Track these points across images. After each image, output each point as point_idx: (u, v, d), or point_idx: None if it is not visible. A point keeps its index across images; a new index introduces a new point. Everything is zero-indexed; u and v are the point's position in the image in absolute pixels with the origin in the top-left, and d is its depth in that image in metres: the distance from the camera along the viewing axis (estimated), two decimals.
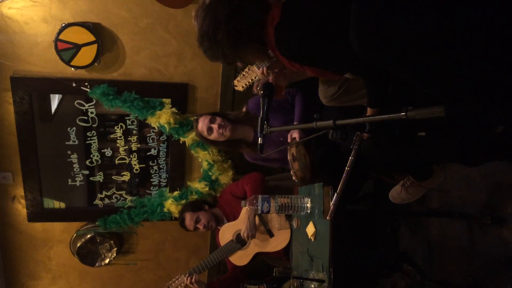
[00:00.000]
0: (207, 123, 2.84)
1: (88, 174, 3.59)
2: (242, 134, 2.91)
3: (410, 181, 2.18)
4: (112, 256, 3.71)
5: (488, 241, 2.20)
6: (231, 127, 2.82)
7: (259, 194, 2.36)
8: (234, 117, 2.90)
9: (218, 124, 2.81)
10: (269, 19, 1.56)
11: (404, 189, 2.23)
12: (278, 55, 1.67)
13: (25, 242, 3.69)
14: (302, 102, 2.68)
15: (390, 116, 1.08)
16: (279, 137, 2.73)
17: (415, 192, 2.21)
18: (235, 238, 3.08)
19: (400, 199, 2.28)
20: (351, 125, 1.30)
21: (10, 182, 3.46)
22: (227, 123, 2.83)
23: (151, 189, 3.74)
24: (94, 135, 3.47)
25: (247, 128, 2.89)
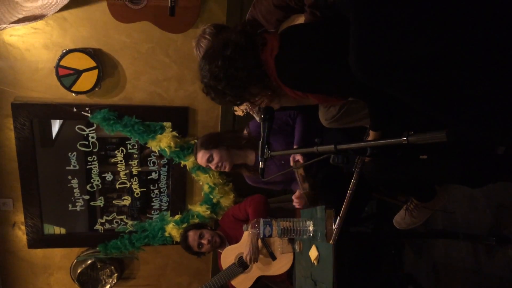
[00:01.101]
0: (205, 162, 2.82)
1: (88, 199, 3.58)
2: (243, 159, 2.89)
3: (413, 204, 2.16)
4: (113, 282, 3.66)
5: (493, 262, 2.17)
6: (229, 165, 2.79)
7: (262, 216, 2.34)
8: (234, 142, 2.86)
9: (215, 164, 2.79)
10: (267, 52, 1.59)
11: (408, 213, 2.21)
12: (280, 85, 1.68)
13: (25, 269, 3.65)
14: (303, 124, 2.68)
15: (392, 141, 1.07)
16: (280, 160, 2.72)
17: (420, 215, 2.18)
18: (237, 262, 3.04)
19: (406, 224, 2.25)
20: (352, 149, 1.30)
21: (10, 208, 3.44)
22: (225, 159, 2.79)
23: (152, 213, 3.72)
24: (94, 159, 3.47)
25: (249, 152, 2.88)
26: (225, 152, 2.78)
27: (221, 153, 2.77)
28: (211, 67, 1.64)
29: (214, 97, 1.70)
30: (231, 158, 2.79)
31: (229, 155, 2.79)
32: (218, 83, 1.63)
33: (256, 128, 2.86)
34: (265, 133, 1.80)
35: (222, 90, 1.65)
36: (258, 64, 1.63)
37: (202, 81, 1.72)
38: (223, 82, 1.62)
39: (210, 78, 1.65)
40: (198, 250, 3.09)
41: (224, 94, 1.65)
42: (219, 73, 1.61)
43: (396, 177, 1.66)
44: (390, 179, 1.69)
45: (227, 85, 1.63)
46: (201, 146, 2.84)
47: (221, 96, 1.66)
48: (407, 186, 1.98)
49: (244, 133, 2.97)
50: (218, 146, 2.79)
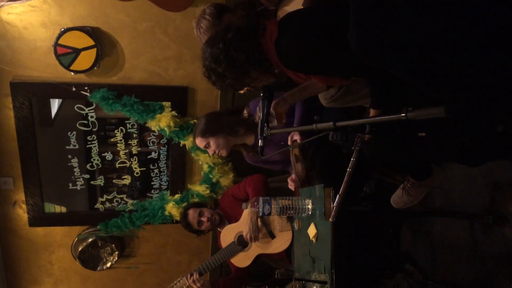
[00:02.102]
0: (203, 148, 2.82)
1: (88, 178, 3.59)
2: (242, 140, 2.90)
3: (410, 183, 2.17)
4: (113, 260, 3.71)
5: (490, 240, 2.20)
6: (225, 152, 2.79)
7: (261, 196, 2.36)
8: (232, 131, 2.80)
9: (212, 151, 2.78)
10: (267, 37, 1.61)
11: (405, 192, 2.23)
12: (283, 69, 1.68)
13: (26, 247, 3.69)
14: (302, 104, 2.68)
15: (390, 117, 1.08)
16: (280, 140, 2.72)
17: (416, 193, 2.20)
18: (237, 240, 3.07)
19: (403, 203, 2.27)
20: (351, 126, 1.30)
21: (11, 187, 3.46)
22: (222, 147, 2.77)
23: (152, 192, 3.74)
24: (94, 139, 3.47)
25: (248, 133, 2.88)
26: (222, 140, 2.76)
27: (218, 141, 2.75)
28: (212, 50, 1.67)
29: (215, 81, 1.72)
30: (228, 144, 2.77)
31: (226, 142, 2.76)
32: (219, 66, 1.65)
33: (256, 109, 2.84)
34: (264, 112, 1.80)
35: (222, 73, 1.67)
36: (258, 48, 1.64)
37: (203, 65, 1.74)
38: (224, 64, 1.64)
39: (211, 60, 1.68)
40: (198, 228, 3.11)
41: (224, 77, 1.67)
42: (220, 55, 1.64)
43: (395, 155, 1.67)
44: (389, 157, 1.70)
45: (227, 68, 1.65)
46: (199, 133, 2.81)
47: (221, 79, 1.68)
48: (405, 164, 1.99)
49: (244, 113, 2.96)
50: (215, 134, 2.75)
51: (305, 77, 1.69)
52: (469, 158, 1.56)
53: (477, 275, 2.29)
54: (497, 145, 1.49)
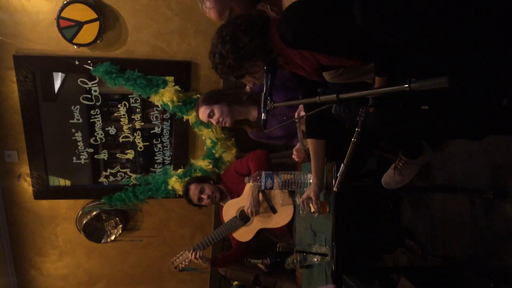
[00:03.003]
0: (206, 117, 2.83)
1: (92, 152, 3.62)
2: (245, 115, 2.90)
3: (402, 161, 2.18)
4: (117, 233, 3.77)
5: (490, 216, 2.21)
6: (230, 121, 2.81)
7: (263, 171, 2.37)
8: (236, 98, 2.87)
9: (216, 120, 2.80)
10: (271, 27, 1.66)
11: (397, 172, 2.24)
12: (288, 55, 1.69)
13: (31, 220, 3.74)
14: None
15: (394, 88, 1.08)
16: (282, 116, 2.72)
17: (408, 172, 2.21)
18: (239, 215, 3.10)
19: (394, 182, 2.29)
20: (354, 99, 1.30)
21: (15, 160, 3.49)
22: (226, 114, 2.80)
23: (155, 167, 3.77)
24: (97, 113, 3.48)
25: (251, 108, 2.88)
26: (226, 107, 2.80)
27: (222, 109, 2.79)
28: (221, 32, 1.72)
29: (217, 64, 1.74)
30: (232, 113, 2.80)
31: (230, 111, 2.80)
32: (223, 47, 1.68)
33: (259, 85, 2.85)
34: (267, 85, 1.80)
35: (225, 55, 1.69)
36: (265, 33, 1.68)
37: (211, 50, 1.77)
38: (228, 45, 1.67)
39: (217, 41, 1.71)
40: (198, 203, 3.15)
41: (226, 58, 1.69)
42: (226, 36, 1.68)
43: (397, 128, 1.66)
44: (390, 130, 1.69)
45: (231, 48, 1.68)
46: (202, 102, 2.86)
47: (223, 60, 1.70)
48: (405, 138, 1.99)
49: (246, 88, 2.96)
50: (219, 102, 2.80)
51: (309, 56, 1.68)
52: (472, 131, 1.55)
53: (476, 250, 2.31)
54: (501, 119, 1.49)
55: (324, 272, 2.14)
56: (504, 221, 2.12)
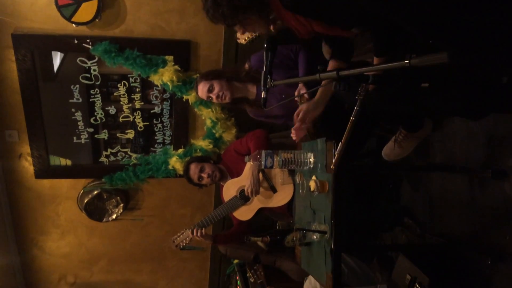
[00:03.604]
0: (206, 92, 2.83)
1: (92, 131, 3.62)
2: (244, 93, 2.89)
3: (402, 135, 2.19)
4: (119, 212, 3.80)
5: (488, 194, 2.23)
6: (229, 95, 2.81)
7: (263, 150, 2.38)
8: (235, 74, 2.87)
9: (216, 94, 2.80)
10: None
11: (397, 144, 2.25)
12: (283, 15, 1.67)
13: (33, 199, 3.76)
14: (306, 58, 2.66)
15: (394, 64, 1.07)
16: (281, 94, 2.72)
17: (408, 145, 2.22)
18: (239, 194, 3.12)
19: (394, 155, 2.30)
20: (355, 76, 1.29)
21: (16, 140, 3.50)
22: (226, 89, 2.80)
23: (155, 146, 3.78)
24: (97, 93, 3.48)
25: (249, 86, 2.88)
26: (225, 82, 2.81)
27: (221, 83, 2.80)
28: None
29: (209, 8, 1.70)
30: (232, 89, 2.81)
31: (229, 86, 2.81)
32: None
33: (257, 63, 2.84)
34: (267, 63, 1.79)
35: (219, 2, 1.66)
36: None
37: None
38: None
39: None
40: (198, 183, 3.16)
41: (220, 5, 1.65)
42: None
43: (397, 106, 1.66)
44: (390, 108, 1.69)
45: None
46: (201, 78, 2.89)
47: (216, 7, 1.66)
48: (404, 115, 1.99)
49: (245, 66, 2.95)
50: (218, 77, 2.82)
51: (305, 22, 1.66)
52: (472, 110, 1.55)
53: (474, 228, 2.34)
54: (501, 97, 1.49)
55: (323, 249, 2.16)
56: (502, 199, 2.13)
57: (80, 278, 4.20)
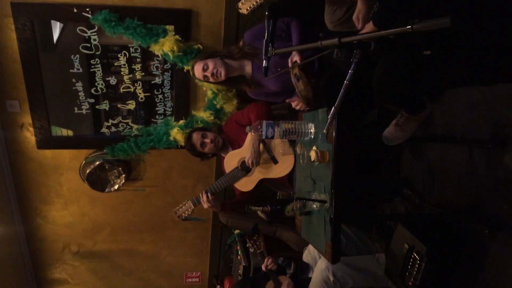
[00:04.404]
0: (201, 72, 2.82)
1: (93, 102, 3.62)
2: (240, 71, 2.88)
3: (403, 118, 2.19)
4: (121, 183, 3.83)
5: (487, 165, 2.24)
6: (224, 72, 2.80)
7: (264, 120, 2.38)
8: (228, 53, 2.85)
9: (210, 72, 2.79)
10: None
11: (399, 128, 2.25)
12: None
13: (35, 169, 3.80)
14: (299, 28, 2.64)
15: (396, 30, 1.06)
16: (276, 67, 2.70)
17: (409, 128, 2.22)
18: (240, 166, 3.14)
19: (396, 139, 2.30)
20: (357, 43, 1.28)
21: (17, 110, 3.50)
22: (220, 66, 2.79)
23: (156, 118, 3.78)
24: (97, 63, 3.45)
25: (245, 63, 2.86)
26: (220, 60, 2.82)
27: (215, 61, 2.81)
28: None
29: None
30: (226, 67, 2.80)
31: (223, 63, 2.80)
32: None
33: (251, 38, 2.83)
34: (269, 31, 1.77)
35: None
36: None
37: None
38: None
39: None
40: (201, 150, 3.16)
41: None
42: None
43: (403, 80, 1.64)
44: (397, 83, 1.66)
45: None
46: (196, 59, 2.91)
47: None
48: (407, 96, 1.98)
49: (239, 44, 2.93)
50: (212, 56, 2.84)
51: None
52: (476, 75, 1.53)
53: (473, 199, 2.36)
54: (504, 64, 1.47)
55: (322, 218, 2.19)
56: (501, 170, 2.15)
57: (83, 247, 4.28)
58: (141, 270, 4.54)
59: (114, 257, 4.39)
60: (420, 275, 2.26)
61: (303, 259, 3.08)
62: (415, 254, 2.28)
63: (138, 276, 4.56)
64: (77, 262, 4.34)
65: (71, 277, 4.41)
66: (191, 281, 4.68)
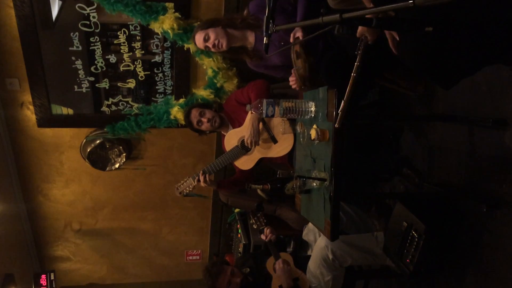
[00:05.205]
0: (202, 42, 2.79)
1: (93, 80, 3.60)
2: (242, 41, 2.85)
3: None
4: (121, 161, 3.84)
5: (488, 144, 2.24)
6: (226, 42, 2.76)
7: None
8: (230, 22, 2.81)
9: (212, 43, 2.76)
10: None
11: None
12: None
13: (36, 147, 3.81)
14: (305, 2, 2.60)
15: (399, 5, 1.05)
16: (280, 42, 2.68)
17: None
18: (240, 144, 3.14)
19: None
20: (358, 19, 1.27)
21: (17, 88, 3.49)
22: (221, 36, 2.75)
23: (156, 96, 3.77)
24: (97, 41, 3.43)
25: (248, 34, 2.83)
26: (221, 30, 2.77)
27: (216, 31, 2.76)
28: None
29: None
30: (228, 37, 2.77)
31: (225, 33, 2.76)
32: None
33: (256, 7, 2.78)
34: (270, 7, 1.75)
35: None
36: None
37: None
38: None
39: None
40: (197, 127, 3.17)
41: None
42: None
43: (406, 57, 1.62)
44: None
45: None
46: (197, 28, 2.85)
47: None
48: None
49: (244, 13, 2.89)
50: (213, 25, 2.78)
51: None
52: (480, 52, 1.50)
53: (472, 178, 2.37)
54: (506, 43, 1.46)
55: (322, 196, 2.21)
56: (501, 149, 2.15)
57: (85, 225, 4.32)
58: (142, 247, 4.59)
59: (115, 235, 4.44)
60: (418, 252, 2.28)
61: (303, 237, 3.12)
62: (414, 232, 2.30)
63: (139, 254, 4.62)
64: (79, 240, 4.39)
65: (73, 255, 4.46)
66: (191, 258, 4.74)
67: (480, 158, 2.30)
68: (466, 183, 2.41)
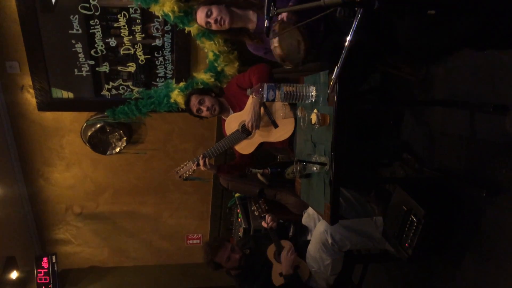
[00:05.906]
0: (204, 18, 2.77)
1: (93, 64, 3.58)
2: (244, 22, 2.83)
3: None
4: (122, 145, 3.85)
5: (488, 129, 2.24)
6: (229, 20, 2.75)
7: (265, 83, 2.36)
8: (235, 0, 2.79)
9: (214, 18, 2.74)
10: None
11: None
12: None
13: (37, 131, 3.81)
14: None
15: None
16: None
17: None
18: (241, 128, 3.14)
19: None
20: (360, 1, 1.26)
21: (17, 71, 3.48)
22: (224, 13, 2.74)
23: (157, 80, 3.75)
24: (97, 23, 3.40)
25: (250, 14, 2.81)
26: (224, 7, 2.77)
27: (219, 8, 2.76)
28: None
29: None
30: (231, 14, 2.76)
31: (228, 11, 2.76)
32: None
33: None
34: None
35: None
36: None
37: None
38: None
39: None
40: (197, 114, 3.17)
41: None
42: None
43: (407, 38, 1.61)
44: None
45: None
46: (200, 4, 2.83)
47: None
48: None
49: None
50: (216, 2, 2.77)
51: None
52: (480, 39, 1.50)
53: (472, 163, 2.37)
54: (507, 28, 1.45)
55: (322, 181, 2.21)
56: (501, 134, 2.15)
57: (86, 208, 4.34)
58: (143, 231, 4.62)
59: (116, 219, 4.46)
60: (416, 237, 2.30)
61: (302, 222, 3.13)
62: (413, 216, 2.31)
63: (140, 238, 4.65)
64: (80, 223, 4.41)
65: (74, 238, 4.49)
66: (192, 242, 4.77)
67: (480, 143, 2.30)
68: (466, 168, 2.41)
